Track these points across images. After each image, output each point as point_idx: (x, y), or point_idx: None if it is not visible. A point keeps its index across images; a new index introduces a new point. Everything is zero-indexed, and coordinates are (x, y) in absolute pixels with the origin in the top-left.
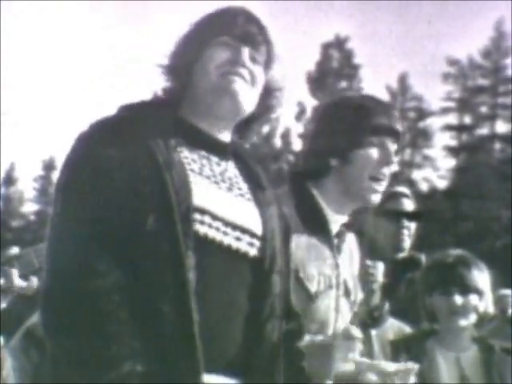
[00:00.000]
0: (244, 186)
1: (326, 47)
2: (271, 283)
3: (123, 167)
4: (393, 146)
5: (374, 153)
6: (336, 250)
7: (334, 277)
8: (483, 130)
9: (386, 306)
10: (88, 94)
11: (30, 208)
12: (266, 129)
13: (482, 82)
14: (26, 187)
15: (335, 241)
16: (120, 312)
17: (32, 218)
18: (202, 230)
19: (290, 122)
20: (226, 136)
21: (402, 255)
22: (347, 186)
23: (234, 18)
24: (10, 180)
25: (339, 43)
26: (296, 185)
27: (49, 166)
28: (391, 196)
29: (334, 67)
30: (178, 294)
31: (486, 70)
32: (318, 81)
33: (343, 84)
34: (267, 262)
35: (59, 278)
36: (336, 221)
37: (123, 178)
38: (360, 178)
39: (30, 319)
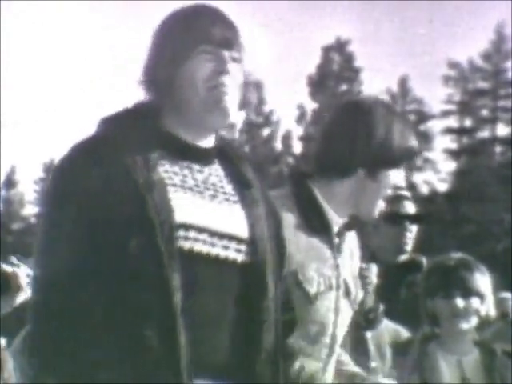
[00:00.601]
0: (229, 188)
1: (327, 50)
2: (265, 287)
3: (104, 193)
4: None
5: (397, 175)
6: (336, 250)
7: (334, 277)
8: (484, 133)
9: (381, 307)
10: (88, 94)
11: (30, 210)
12: (266, 131)
13: (483, 84)
14: (27, 190)
15: (336, 241)
16: (105, 339)
17: (32, 220)
18: (186, 245)
19: (291, 125)
20: (209, 141)
21: (403, 258)
22: (361, 197)
23: (209, 24)
24: (10, 182)
25: (340, 46)
26: (297, 185)
27: (49, 169)
28: (392, 199)
29: (334, 70)
30: (165, 318)
31: (486, 73)
32: (319, 84)
33: (344, 87)
34: (258, 266)
35: (44, 307)
36: (337, 222)
37: (105, 204)
38: (378, 195)
39: None
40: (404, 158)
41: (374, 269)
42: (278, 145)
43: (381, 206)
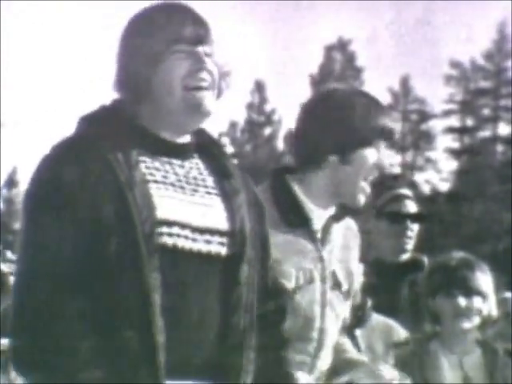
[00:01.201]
0: (210, 181)
1: (329, 49)
2: (238, 274)
3: (86, 192)
4: (384, 149)
5: (372, 154)
6: (321, 242)
7: (318, 270)
8: (485, 133)
9: (369, 304)
10: (88, 94)
11: None
12: (268, 130)
13: (484, 84)
14: None
15: (319, 234)
16: (84, 338)
17: None
18: (170, 242)
19: (293, 124)
20: (186, 137)
21: (404, 257)
22: (339, 184)
23: (181, 23)
24: (12, 182)
25: (342, 45)
26: (276, 180)
27: None
28: (394, 198)
29: (336, 69)
30: (143, 317)
31: (488, 73)
32: (321, 83)
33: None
34: (235, 255)
35: (23, 308)
36: (320, 216)
37: (86, 203)
38: (355, 178)
39: None
40: (372, 137)
41: (360, 267)
42: (280, 144)
43: (365, 190)
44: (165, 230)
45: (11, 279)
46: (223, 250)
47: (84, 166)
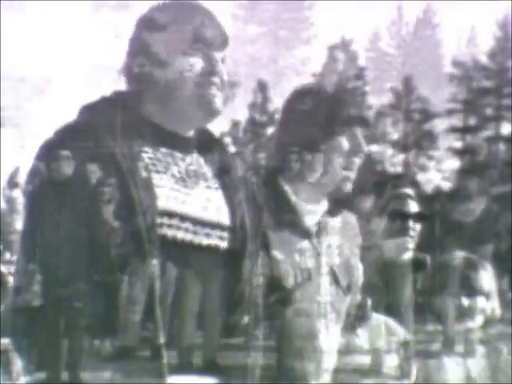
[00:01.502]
0: (210, 175)
1: (332, 49)
2: (241, 270)
3: (87, 179)
4: (362, 135)
5: (345, 143)
6: (317, 239)
7: (316, 267)
8: (488, 132)
9: (369, 303)
10: (88, 94)
11: None
12: (270, 130)
13: (487, 83)
14: None
15: (315, 230)
16: (81, 319)
17: None
18: (170, 233)
19: None
20: (190, 131)
21: (406, 256)
22: (320, 176)
23: (202, 24)
24: (14, 182)
25: (345, 45)
26: (267, 181)
27: None
28: (396, 197)
29: (339, 69)
30: (145, 304)
31: (490, 72)
32: (324, 82)
33: (348, 86)
34: (237, 251)
35: (25, 289)
36: (314, 211)
37: (87, 190)
38: (332, 167)
39: None
40: (337, 127)
41: (360, 267)
42: None
43: (348, 177)
44: (165, 221)
45: (10, 279)
46: (223, 245)
47: (86, 156)
